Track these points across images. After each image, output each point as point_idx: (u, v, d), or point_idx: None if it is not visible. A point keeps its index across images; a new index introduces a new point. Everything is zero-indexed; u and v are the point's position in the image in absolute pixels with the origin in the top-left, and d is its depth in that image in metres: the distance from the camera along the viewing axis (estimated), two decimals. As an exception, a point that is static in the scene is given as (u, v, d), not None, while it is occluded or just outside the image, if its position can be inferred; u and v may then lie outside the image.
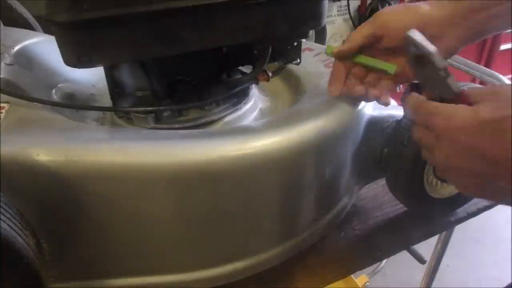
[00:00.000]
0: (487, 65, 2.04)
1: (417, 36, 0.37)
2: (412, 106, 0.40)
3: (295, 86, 0.63)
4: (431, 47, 0.36)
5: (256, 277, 0.54)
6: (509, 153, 0.32)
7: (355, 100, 0.52)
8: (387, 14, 0.46)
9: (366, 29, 0.46)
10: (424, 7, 0.45)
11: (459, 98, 0.36)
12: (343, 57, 0.49)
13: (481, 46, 2.04)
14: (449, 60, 0.88)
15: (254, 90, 0.61)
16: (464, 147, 0.35)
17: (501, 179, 0.34)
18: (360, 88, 0.49)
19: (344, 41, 0.49)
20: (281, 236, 0.54)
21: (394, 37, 0.44)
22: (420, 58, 0.37)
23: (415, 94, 0.40)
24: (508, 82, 0.79)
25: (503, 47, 2.09)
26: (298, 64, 0.57)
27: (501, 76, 0.80)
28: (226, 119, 0.54)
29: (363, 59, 0.48)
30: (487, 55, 2.07)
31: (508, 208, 0.85)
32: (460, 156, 0.35)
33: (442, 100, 0.38)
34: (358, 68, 0.49)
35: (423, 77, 0.40)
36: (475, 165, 0.34)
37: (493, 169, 0.34)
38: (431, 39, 0.40)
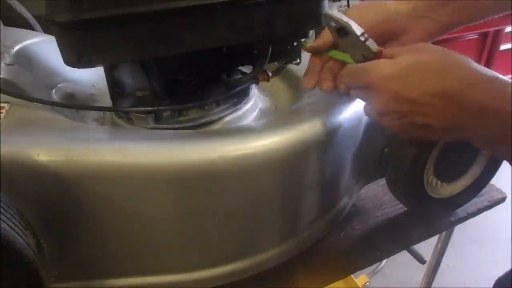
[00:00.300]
0: (487, 65, 2.04)
1: (334, 12, 0.44)
2: (345, 74, 0.46)
3: (295, 86, 0.63)
4: (347, 19, 0.43)
5: (256, 277, 0.54)
6: (421, 91, 0.38)
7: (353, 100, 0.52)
8: (357, 12, 0.47)
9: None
10: (390, 2, 0.47)
11: (380, 56, 0.43)
12: (315, 52, 0.50)
13: (481, 46, 2.04)
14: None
15: (254, 90, 0.61)
16: (389, 92, 0.40)
17: (422, 116, 0.40)
18: (328, 84, 0.49)
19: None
20: (281, 236, 0.54)
21: (373, 34, 0.46)
22: (341, 30, 0.44)
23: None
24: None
25: (503, 47, 2.09)
26: (298, 64, 0.57)
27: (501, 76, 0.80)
28: (226, 119, 0.54)
29: (335, 53, 0.48)
30: (487, 55, 2.07)
31: (507, 208, 0.85)
32: (388, 102, 0.41)
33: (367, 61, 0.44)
34: (332, 62, 0.49)
35: (347, 45, 0.45)
36: (400, 107, 0.40)
37: (413, 107, 0.39)
38: (399, 32, 0.46)
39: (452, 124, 0.40)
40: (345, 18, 0.43)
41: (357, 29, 0.43)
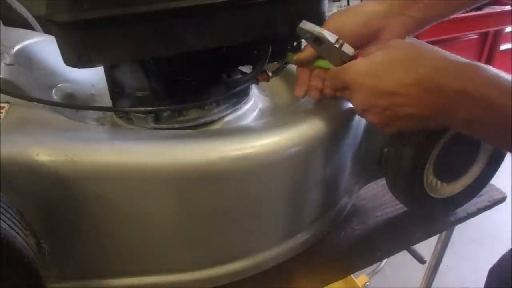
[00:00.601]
0: (487, 65, 2.04)
1: (307, 25, 0.45)
2: (327, 78, 0.48)
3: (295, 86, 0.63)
4: (320, 29, 0.45)
5: (256, 277, 0.54)
6: (397, 83, 0.41)
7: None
8: (336, 20, 0.49)
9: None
10: (367, 4, 0.49)
11: (357, 57, 0.45)
12: (301, 64, 0.52)
13: (481, 46, 2.04)
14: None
15: (254, 90, 0.61)
16: (368, 88, 0.43)
17: (403, 107, 0.42)
18: (315, 92, 0.51)
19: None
20: (281, 236, 0.54)
21: (348, 39, 0.47)
22: (317, 40, 0.46)
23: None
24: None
25: (503, 47, 2.09)
26: (298, 64, 0.57)
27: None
28: (226, 119, 0.54)
29: (321, 62, 0.50)
30: (487, 55, 2.07)
31: (507, 208, 0.85)
32: (369, 97, 0.43)
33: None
34: (318, 69, 0.51)
35: (325, 53, 0.47)
36: (380, 101, 0.43)
37: (393, 100, 0.42)
38: (379, 32, 0.49)
39: (433, 111, 0.42)
40: (317, 29, 0.45)
41: (331, 37, 0.45)
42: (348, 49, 0.45)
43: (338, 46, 0.45)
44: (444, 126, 0.45)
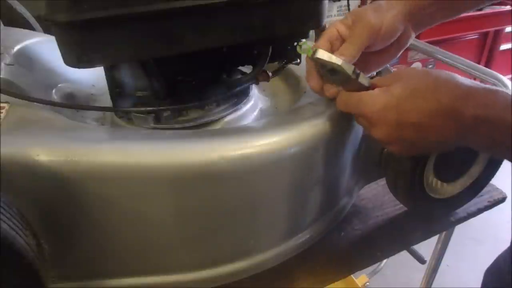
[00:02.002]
0: (487, 65, 2.04)
1: (323, 55, 0.43)
2: (342, 102, 0.47)
3: (295, 86, 0.63)
4: (337, 60, 0.43)
5: (256, 277, 0.54)
6: (419, 114, 0.41)
7: None
8: (375, 20, 0.48)
9: (364, 39, 0.48)
10: (387, 4, 0.49)
11: (372, 88, 0.44)
12: None
13: (481, 46, 2.04)
14: (449, 61, 0.87)
15: (254, 90, 0.61)
16: (390, 122, 0.43)
17: (428, 137, 0.43)
18: (334, 91, 0.49)
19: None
20: (282, 236, 0.54)
21: (382, 40, 0.49)
22: (332, 70, 0.44)
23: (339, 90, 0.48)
24: (508, 82, 0.79)
25: (503, 47, 2.09)
26: (298, 64, 0.57)
27: (501, 76, 0.80)
28: (226, 119, 0.54)
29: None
30: (487, 55, 2.07)
31: (508, 208, 0.85)
32: (391, 131, 0.43)
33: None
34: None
35: (338, 81, 0.46)
36: (403, 133, 0.43)
37: (415, 131, 0.42)
38: (397, 30, 0.49)
39: (454, 137, 0.43)
40: (334, 60, 0.43)
41: (348, 68, 0.44)
42: (364, 79, 0.44)
43: (355, 77, 0.44)
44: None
